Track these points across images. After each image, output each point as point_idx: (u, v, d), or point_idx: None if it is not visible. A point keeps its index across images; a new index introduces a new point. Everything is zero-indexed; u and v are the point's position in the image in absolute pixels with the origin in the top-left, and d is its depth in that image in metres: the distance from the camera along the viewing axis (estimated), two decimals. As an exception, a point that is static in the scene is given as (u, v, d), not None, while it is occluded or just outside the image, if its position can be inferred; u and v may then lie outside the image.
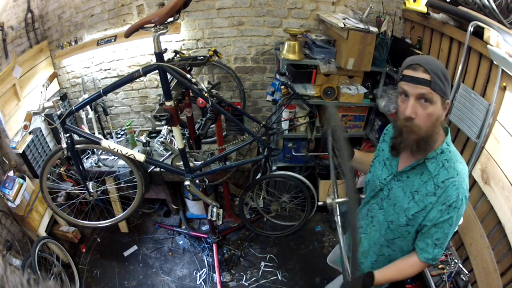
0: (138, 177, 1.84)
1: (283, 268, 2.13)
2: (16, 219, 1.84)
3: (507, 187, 1.25)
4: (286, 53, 1.98)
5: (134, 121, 2.46)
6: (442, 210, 0.84)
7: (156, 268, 2.16)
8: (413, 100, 0.80)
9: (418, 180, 0.89)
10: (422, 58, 0.82)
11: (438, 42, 1.79)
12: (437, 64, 0.80)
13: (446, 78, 0.80)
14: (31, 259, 1.70)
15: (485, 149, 1.40)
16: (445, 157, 0.86)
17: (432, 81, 0.78)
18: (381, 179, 1.00)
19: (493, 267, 1.31)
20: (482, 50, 1.39)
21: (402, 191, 0.93)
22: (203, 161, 1.68)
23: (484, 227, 1.39)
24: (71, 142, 1.53)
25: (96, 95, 1.41)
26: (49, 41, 2.20)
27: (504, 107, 1.30)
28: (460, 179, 0.84)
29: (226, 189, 2.08)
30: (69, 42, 2.21)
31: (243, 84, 2.26)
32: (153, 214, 2.52)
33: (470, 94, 1.46)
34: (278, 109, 1.93)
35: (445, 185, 0.84)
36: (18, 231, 1.86)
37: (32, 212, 1.89)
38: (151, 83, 2.36)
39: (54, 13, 2.14)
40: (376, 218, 1.04)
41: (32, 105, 1.94)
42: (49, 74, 2.08)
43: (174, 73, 1.32)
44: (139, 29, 1.22)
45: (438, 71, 0.78)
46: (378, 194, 1.03)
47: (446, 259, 1.50)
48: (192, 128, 1.83)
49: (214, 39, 2.22)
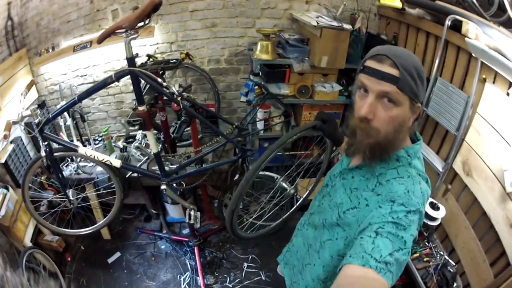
0: (116, 183, 1.84)
1: (266, 268, 2.14)
2: (3, 231, 1.81)
3: (490, 177, 1.27)
4: (259, 53, 1.98)
5: (111, 126, 2.44)
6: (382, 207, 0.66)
7: (141, 274, 2.15)
8: (373, 97, 0.66)
9: (360, 177, 0.78)
10: (393, 48, 0.67)
11: (414, 37, 1.80)
12: (411, 59, 0.65)
13: (420, 76, 0.65)
14: (19, 270, 1.68)
15: (466, 141, 1.41)
16: (400, 166, 0.72)
17: (401, 78, 0.62)
18: (331, 174, 0.92)
19: (481, 257, 1.32)
20: (460, 43, 1.39)
21: (343, 187, 0.82)
22: (179, 164, 1.68)
23: (469, 219, 1.41)
24: (49, 150, 1.53)
25: (71, 102, 1.41)
26: (27, 48, 2.18)
27: (484, 99, 1.31)
28: (412, 181, 0.69)
29: (204, 191, 2.09)
30: (46, 49, 2.20)
31: (217, 86, 2.26)
32: (134, 220, 2.50)
33: (448, 87, 1.46)
34: (252, 110, 1.94)
35: (389, 183, 0.70)
36: (5, 242, 1.83)
37: (17, 222, 1.86)
38: (126, 88, 2.34)
39: (33, 20, 2.12)
40: (313, 216, 0.95)
41: (12, 114, 1.92)
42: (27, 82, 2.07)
43: (146, 78, 1.32)
44: (111, 34, 1.22)
45: (410, 67, 0.63)
46: (323, 190, 0.95)
47: (431, 252, 1.50)
48: (167, 132, 1.83)
49: (187, 42, 2.21)
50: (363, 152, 0.70)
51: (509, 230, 1.19)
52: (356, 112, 0.71)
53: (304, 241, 1.00)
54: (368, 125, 0.67)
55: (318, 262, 0.89)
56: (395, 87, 0.63)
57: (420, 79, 0.66)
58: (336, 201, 0.82)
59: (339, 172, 0.87)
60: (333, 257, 0.83)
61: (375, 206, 0.69)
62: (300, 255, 1.02)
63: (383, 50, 0.66)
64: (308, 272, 0.95)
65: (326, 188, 0.92)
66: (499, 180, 1.22)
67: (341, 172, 0.86)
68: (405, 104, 0.65)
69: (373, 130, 0.67)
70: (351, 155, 0.77)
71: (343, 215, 0.77)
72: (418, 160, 0.75)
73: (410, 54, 0.67)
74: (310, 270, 0.94)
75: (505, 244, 1.21)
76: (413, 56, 0.68)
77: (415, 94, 0.66)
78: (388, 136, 0.67)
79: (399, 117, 0.66)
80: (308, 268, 0.96)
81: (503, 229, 1.22)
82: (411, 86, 0.64)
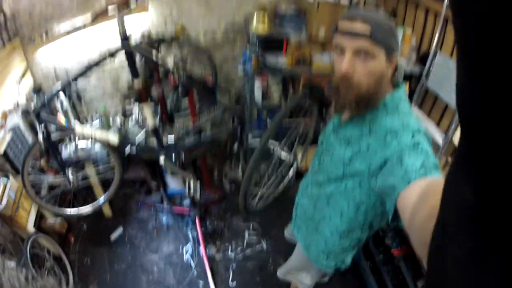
0: (115, 158, 1.86)
1: (267, 236, 2.18)
2: (5, 220, 1.82)
3: None
4: (256, 25, 1.98)
5: (109, 103, 2.44)
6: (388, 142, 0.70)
7: (143, 248, 2.19)
8: (350, 54, 0.70)
9: (352, 128, 0.82)
10: (361, 11, 0.72)
11: (413, 13, 1.79)
12: (379, 16, 0.70)
13: (391, 29, 0.70)
14: (24, 258, 1.70)
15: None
16: (388, 110, 0.75)
17: (373, 32, 0.67)
18: (325, 133, 0.96)
19: None
20: None
21: (338, 141, 0.86)
22: (177, 136, 1.70)
23: None
24: (47, 133, 1.54)
25: (66, 83, 1.42)
26: (21, 37, 2.16)
27: None
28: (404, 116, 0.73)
29: (203, 162, 2.11)
30: (40, 36, 2.18)
31: (214, 57, 2.25)
32: (135, 194, 2.52)
33: (448, 62, 1.46)
34: (250, 80, 1.94)
35: (382, 124, 0.74)
36: (8, 232, 1.83)
37: (19, 210, 1.87)
38: (122, 64, 2.33)
39: (25, 10, 2.11)
40: (315, 175, 0.97)
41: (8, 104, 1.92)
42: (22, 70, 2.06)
43: (140, 53, 1.33)
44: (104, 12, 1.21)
45: (380, 21, 0.68)
46: (319, 149, 0.98)
47: None
48: (163, 104, 1.84)
49: (182, 16, 2.19)
50: (349, 106, 0.74)
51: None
52: (336, 72, 0.75)
53: (310, 201, 1.02)
54: (349, 81, 0.72)
55: (333, 213, 0.92)
56: (369, 40, 0.68)
57: (391, 32, 0.70)
58: (336, 155, 0.85)
59: (332, 129, 0.90)
60: (349, 205, 0.86)
61: (379, 145, 0.73)
62: (309, 215, 1.04)
63: (353, 12, 0.71)
64: (326, 226, 0.97)
65: (322, 146, 0.95)
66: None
67: (334, 129, 0.89)
68: (381, 56, 0.70)
69: (354, 84, 0.71)
70: (340, 110, 0.80)
71: (349, 166, 0.80)
72: (405, 102, 0.78)
73: (378, 13, 0.72)
74: (327, 223, 0.96)
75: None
76: (381, 14, 0.72)
77: (389, 45, 0.70)
78: (370, 88, 0.72)
79: (377, 69, 0.70)
80: (323, 222, 0.97)
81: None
82: (383, 38, 0.68)
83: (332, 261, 1.04)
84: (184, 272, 2.04)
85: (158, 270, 2.06)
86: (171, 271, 2.06)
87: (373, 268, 1.89)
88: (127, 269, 2.08)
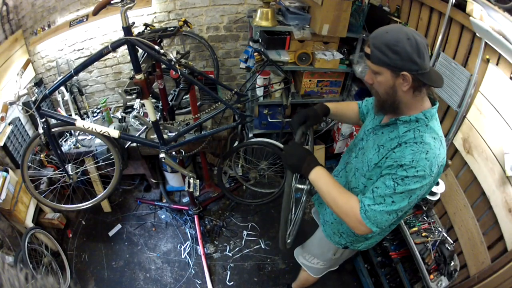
0: (115, 153, 1.83)
1: (266, 236, 2.15)
2: (4, 215, 1.80)
3: (490, 158, 1.25)
4: (259, 20, 1.94)
5: (110, 97, 2.42)
6: (392, 165, 0.87)
7: (141, 245, 2.16)
8: (370, 70, 0.90)
9: (387, 136, 0.95)
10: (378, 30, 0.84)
11: (418, 11, 1.76)
12: (384, 38, 0.80)
13: (393, 50, 0.79)
14: (21, 253, 1.68)
15: (467, 118, 1.39)
16: (419, 127, 0.88)
17: (371, 55, 0.83)
18: (365, 129, 1.08)
19: (479, 238, 1.31)
20: (464, 22, 1.37)
21: (373, 142, 1.00)
22: (177, 132, 1.67)
23: (468, 197, 1.39)
24: (47, 127, 1.51)
25: (67, 76, 1.38)
26: (23, 29, 2.14)
27: (487, 79, 1.29)
28: (422, 149, 0.84)
29: (203, 159, 2.07)
30: (42, 28, 2.16)
31: (216, 52, 2.23)
32: (134, 190, 2.50)
33: (451, 63, 1.45)
34: (252, 76, 1.91)
35: (405, 146, 0.87)
36: (7, 226, 1.81)
37: (18, 204, 1.85)
38: (124, 58, 2.31)
39: (28, 2, 2.10)
40: (349, 165, 1.12)
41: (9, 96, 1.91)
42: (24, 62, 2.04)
43: (142, 46, 1.30)
44: (107, 5, 1.19)
45: (380, 45, 0.80)
46: (358, 143, 1.10)
47: (430, 227, 1.50)
48: (165, 100, 1.80)
49: (186, 10, 2.16)
50: (378, 106, 0.94)
51: (508, 215, 1.16)
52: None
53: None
54: (372, 89, 0.92)
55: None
56: (369, 61, 0.86)
57: (393, 52, 0.79)
58: (367, 155, 0.99)
59: (372, 128, 1.03)
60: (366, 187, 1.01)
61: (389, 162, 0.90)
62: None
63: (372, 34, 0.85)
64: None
65: (361, 142, 1.08)
66: (500, 162, 1.20)
67: (374, 128, 1.02)
68: (385, 73, 0.84)
69: (374, 91, 0.92)
70: (377, 113, 0.98)
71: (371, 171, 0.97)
72: (436, 121, 0.91)
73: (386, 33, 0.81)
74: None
75: (503, 229, 1.19)
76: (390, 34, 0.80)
77: (389, 64, 0.81)
78: (384, 96, 0.89)
79: (383, 83, 0.86)
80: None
81: (501, 213, 1.20)
82: (381, 58, 0.81)
83: (343, 240, 1.21)
84: (181, 271, 2.01)
85: (156, 268, 2.04)
86: (169, 269, 2.03)
87: (370, 270, 1.88)
88: (124, 266, 2.06)
